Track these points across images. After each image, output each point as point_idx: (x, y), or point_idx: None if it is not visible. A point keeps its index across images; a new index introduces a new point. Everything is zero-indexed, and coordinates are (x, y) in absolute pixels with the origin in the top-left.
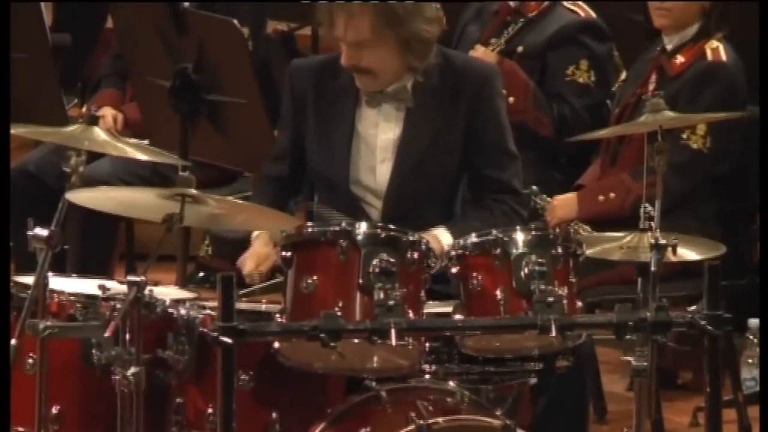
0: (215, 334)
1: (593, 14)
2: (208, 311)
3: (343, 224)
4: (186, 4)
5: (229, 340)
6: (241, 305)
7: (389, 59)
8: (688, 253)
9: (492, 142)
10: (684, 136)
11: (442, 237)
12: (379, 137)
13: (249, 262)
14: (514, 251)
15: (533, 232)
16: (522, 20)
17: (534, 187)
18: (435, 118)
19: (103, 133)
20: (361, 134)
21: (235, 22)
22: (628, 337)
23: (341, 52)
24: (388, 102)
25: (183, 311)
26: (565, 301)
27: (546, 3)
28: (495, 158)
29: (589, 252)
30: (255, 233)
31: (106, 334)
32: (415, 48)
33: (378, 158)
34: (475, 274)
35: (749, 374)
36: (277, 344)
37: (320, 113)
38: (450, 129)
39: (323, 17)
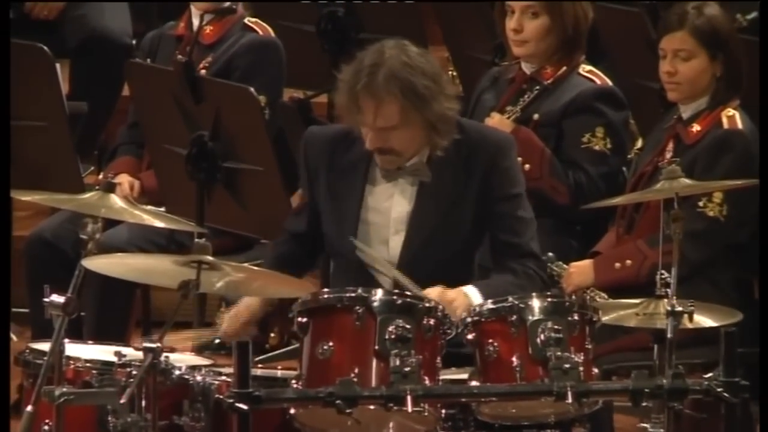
0: (231, 400)
1: (609, 82)
2: (223, 378)
3: (360, 291)
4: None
5: (244, 407)
6: (257, 372)
7: (414, 139)
8: (704, 320)
9: (503, 211)
10: (700, 203)
11: (471, 294)
12: (393, 209)
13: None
14: (530, 318)
15: (549, 299)
16: (538, 88)
17: (550, 254)
18: (448, 191)
19: (120, 200)
20: (372, 206)
21: (252, 89)
22: (644, 404)
23: (363, 134)
24: (404, 177)
25: (199, 378)
26: (581, 368)
27: (562, 70)
28: (508, 225)
29: (605, 319)
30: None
31: (122, 401)
32: (441, 128)
33: (392, 230)
34: (491, 340)
35: None
36: (293, 410)
37: (332, 184)
38: (463, 201)
39: (349, 104)
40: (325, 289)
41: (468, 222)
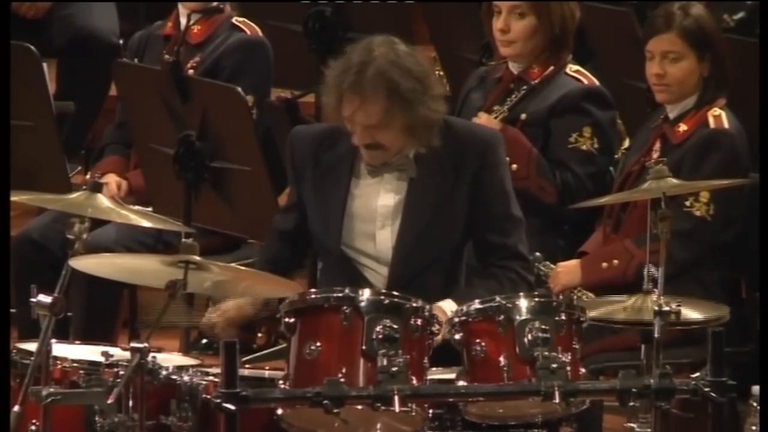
0: (218, 400)
1: (596, 82)
2: (211, 378)
3: (347, 291)
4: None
5: (232, 407)
6: (244, 372)
7: (398, 138)
8: (691, 313)
9: (496, 209)
10: (687, 203)
11: (449, 309)
12: (379, 204)
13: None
14: (518, 318)
15: (537, 299)
16: (525, 87)
17: (537, 254)
18: (438, 186)
19: (107, 200)
20: (358, 201)
21: (239, 89)
22: (631, 403)
23: (350, 130)
24: (390, 171)
25: (186, 378)
26: (568, 368)
27: (549, 70)
28: (499, 225)
29: (592, 314)
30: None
31: (109, 401)
32: (420, 133)
33: (378, 224)
34: (478, 340)
35: None
36: (280, 411)
37: (317, 181)
38: (453, 197)
39: (332, 98)
40: (313, 289)
41: (459, 219)
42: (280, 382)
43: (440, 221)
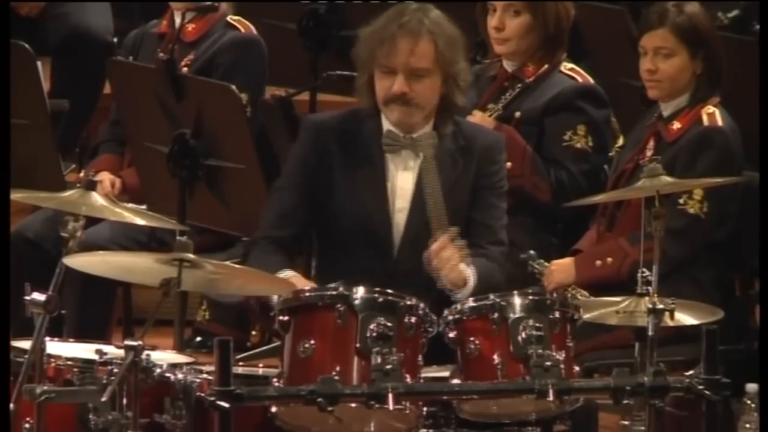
0: (212, 398)
1: (591, 80)
2: (205, 376)
3: (341, 289)
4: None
5: (226, 405)
6: (239, 369)
7: (433, 95)
8: (686, 318)
9: (492, 200)
10: (681, 201)
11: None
12: (398, 187)
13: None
14: (512, 316)
15: (530, 297)
16: (520, 85)
17: (531, 252)
18: (449, 172)
19: (101, 198)
20: (390, 184)
21: (233, 87)
22: (625, 401)
23: (381, 88)
24: (408, 149)
25: (180, 376)
26: (562, 366)
27: (544, 68)
28: (491, 212)
29: (586, 316)
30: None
31: (103, 399)
32: (459, 84)
33: (397, 206)
34: (472, 338)
35: None
36: (274, 408)
37: (348, 166)
38: (461, 187)
39: (383, 42)
40: (307, 287)
41: (465, 206)
42: (275, 379)
43: (449, 208)
